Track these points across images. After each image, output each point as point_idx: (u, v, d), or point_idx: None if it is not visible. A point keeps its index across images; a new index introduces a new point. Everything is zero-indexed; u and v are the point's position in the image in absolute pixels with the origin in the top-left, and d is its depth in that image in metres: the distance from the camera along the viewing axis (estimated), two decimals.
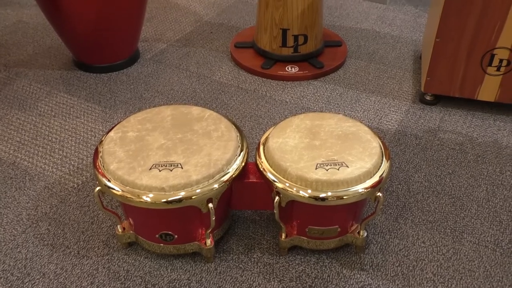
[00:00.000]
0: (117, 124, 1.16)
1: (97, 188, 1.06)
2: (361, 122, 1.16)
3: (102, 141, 1.12)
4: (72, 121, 1.60)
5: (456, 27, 1.47)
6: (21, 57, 1.92)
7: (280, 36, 1.80)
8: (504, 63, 1.49)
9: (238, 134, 1.14)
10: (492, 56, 1.49)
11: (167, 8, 2.33)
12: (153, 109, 1.20)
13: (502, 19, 1.42)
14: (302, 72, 1.81)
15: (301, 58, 1.85)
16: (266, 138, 1.14)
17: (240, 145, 1.12)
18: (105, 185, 1.03)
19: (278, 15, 1.76)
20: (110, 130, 1.14)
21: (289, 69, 1.83)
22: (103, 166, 1.05)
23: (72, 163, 1.43)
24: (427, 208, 1.30)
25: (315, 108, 1.66)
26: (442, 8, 1.45)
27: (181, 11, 2.30)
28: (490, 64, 1.51)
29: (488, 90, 1.56)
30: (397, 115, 1.63)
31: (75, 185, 1.36)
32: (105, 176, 1.04)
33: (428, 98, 1.67)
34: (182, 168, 1.03)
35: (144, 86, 1.77)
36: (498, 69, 1.51)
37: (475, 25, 1.45)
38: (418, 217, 1.27)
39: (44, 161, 1.44)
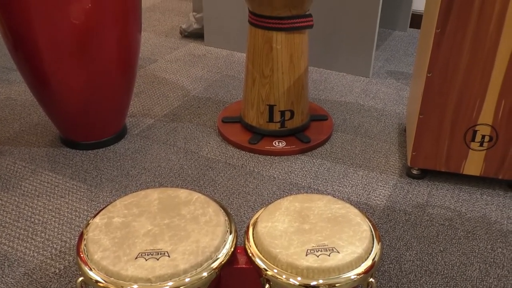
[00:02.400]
0: (103, 208, 1.13)
1: (80, 279, 1.01)
2: (350, 204, 1.16)
3: (88, 224, 1.09)
4: (56, 201, 1.56)
5: (438, 104, 1.51)
6: (7, 135, 1.91)
7: (267, 112, 1.83)
8: (487, 139, 1.52)
9: (226, 218, 1.12)
10: (475, 132, 1.52)
11: (155, 82, 2.37)
12: (140, 192, 1.18)
13: (482, 97, 1.47)
14: (289, 147, 1.82)
15: (288, 133, 1.87)
16: (255, 222, 1.12)
17: (228, 229, 1.10)
18: (88, 276, 0.99)
19: (265, 92, 1.80)
20: (95, 216, 1.11)
21: (276, 144, 1.84)
22: (87, 256, 1.02)
23: (55, 246, 1.39)
24: None
25: (303, 184, 1.66)
26: (424, 86, 1.49)
27: (168, 85, 2.34)
28: (473, 140, 1.54)
29: (473, 164, 1.58)
30: (385, 190, 1.63)
31: (57, 271, 1.31)
32: (88, 266, 1.00)
33: (415, 172, 1.68)
34: (169, 256, 1.00)
35: (131, 163, 1.75)
36: (481, 145, 1.53)
37: (456, 102, 1.49)
38: None
39: (25, 244, 1.39)
